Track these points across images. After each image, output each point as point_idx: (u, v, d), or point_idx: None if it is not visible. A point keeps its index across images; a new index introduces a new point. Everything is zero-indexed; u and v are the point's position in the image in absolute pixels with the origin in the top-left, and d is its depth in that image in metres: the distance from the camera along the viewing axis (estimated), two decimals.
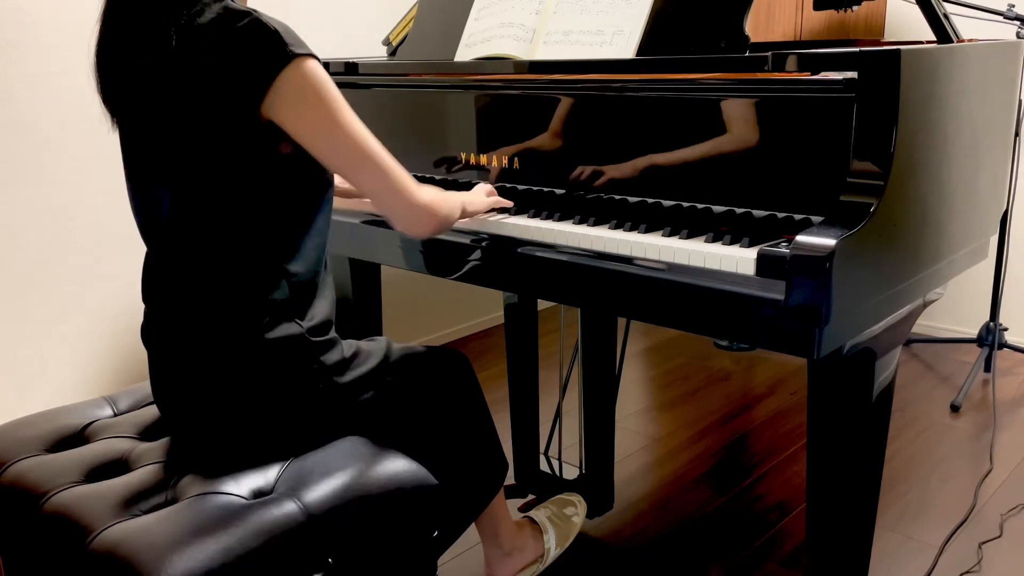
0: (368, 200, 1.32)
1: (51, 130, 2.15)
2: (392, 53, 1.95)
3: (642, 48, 1.43)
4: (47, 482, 1.18)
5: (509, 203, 1.49)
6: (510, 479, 2.06)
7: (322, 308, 1.26)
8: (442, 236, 1.52)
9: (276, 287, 1.20)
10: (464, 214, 1.40)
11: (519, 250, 1.42)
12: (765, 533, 1.95)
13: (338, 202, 1.68)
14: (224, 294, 1.19)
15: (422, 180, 1.71)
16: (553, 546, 1.70)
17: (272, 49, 1.10)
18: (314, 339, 1.22)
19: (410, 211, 1.23)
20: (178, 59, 1.12)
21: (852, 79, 1.15)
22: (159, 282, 1.24)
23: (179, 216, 1.19)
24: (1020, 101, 1.81)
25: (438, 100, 1.67)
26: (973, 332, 2.90)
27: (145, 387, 1.45)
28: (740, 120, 1.27)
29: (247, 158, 1.15)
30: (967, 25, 1.99)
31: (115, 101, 1.20)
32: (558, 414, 2.06)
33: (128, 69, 1.16)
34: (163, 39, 1.12)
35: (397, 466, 1.21)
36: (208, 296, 1.19)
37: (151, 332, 1.27)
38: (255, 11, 1.13)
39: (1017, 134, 2.20)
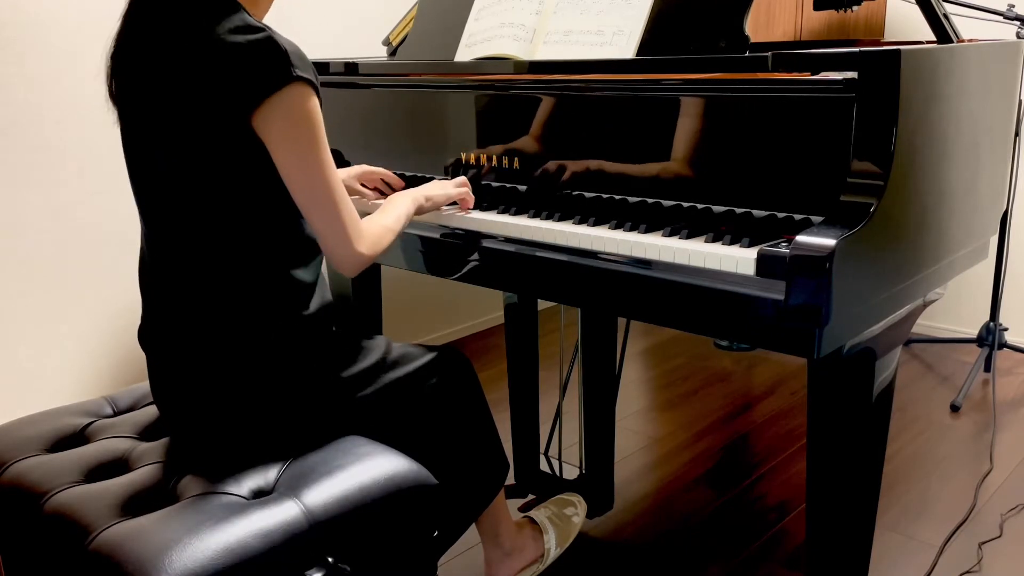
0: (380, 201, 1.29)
1: (51, 130, 2.15)
2: (392, 53, 1.96)
3: (642, 48, 1.43)
4: (47, 482, 1.18)
5: (470, 198, 1.52)
6: (510, 479, 2.06)
7: (320, 307, 1.26)
8: (442, 236, 1.52)
9: (273, 285, 1.21)
10: (421, 210, 1.45)
11: (519, 250, 1.42)
12: (765, 533, 1.95)
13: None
14: (222, 292, 1.19)
15: (421, 181, 1.71)
16: (553, 546, 1.70)
17: (277, 66, 1.12)
18: (312, 335, 1.22)
19: (345, 258, 1.25)
20: (189, 62, 1.14)
21: (852, 79, 1.15)
22: (156, 281, 1.25)
23: (177, 214, 1.19)
24: (1020, 101, 1.81)
25: (438, 100, 1.67)
26: (973, 332, 2.90)
27: (145, 387, 1.45)
28: (740, 120, 1.27)
29: (242, 158, 1.16)
30: (967, 25, 1.99)
31: (123, 99, 1.22)
32: (558, 414, 2.06)
33: (141, 70, 1.18)
34: (179, 42, 1.15)
35: (397, 466, 1.21)
36: (207, 294, 1.20)
37: (149, 334, 1.27)
38: (270, 28, 1.15)
39: (1017, 134, 2.20)
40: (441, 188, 1.50)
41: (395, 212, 1.39)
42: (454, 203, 1.54)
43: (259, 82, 1.12)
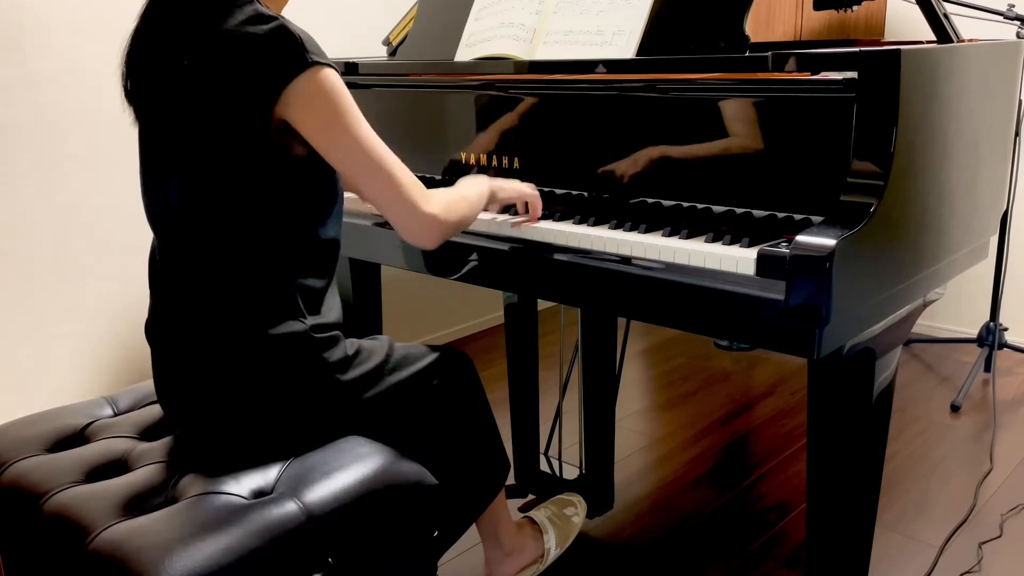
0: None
1: (51, 130, 2.15)
2: (392, 53, 1.96)
3: (642, 48, 1.43)
4: (47, 482, 1.18)
5: (538, 202, 1.43)
6: (510, 479, 2.06)
7: (328, 310, 1.26)
8: None
9: (283, 287, 1.20)
10: (494, 200, 1.40)
11: (519, 250, 1.41)
12: (765, 533, 1.95)
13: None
14: (231, 291, 1.19)
15: (421, 181, 1.71)
16: (553, 546, 1.70)
17: (291, 54, 1.13)
18: (317, 336, 1.22)
19: (415, 223, 1.23)
20: (204, 57, 1.14)
21: (852, 79, 1.15)
22: (165, 276, 1.25)
23: (190, 212, 1.19)
24: (1020, 101, 1.81)
25: (438, 100, 1.67)
26: (973, 332, 2.90)
27: (145, 387, 1.45)
28: (740, 120, 1.27)
29: (259, 159, 1.16)
30: (967, 25, 1.99)
31: (139, 96, 1.22)
32: (558, 414, 2.06)
33: (157, 65, 1.19)
34: (193, 37, 1.15)
35: (397, 466, 1.21)
36: (215, 292, 1.20)
37: (155, 327, 1.27)
38: (282, 17, 1.16)
39: (1017, 134, 2.20)
40: (514, 184, 1.44)
41: (468, 188, 1.34)
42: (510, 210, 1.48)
43: (276, 72, 1.12)
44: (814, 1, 1.75)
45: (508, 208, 1.50)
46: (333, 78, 1.16)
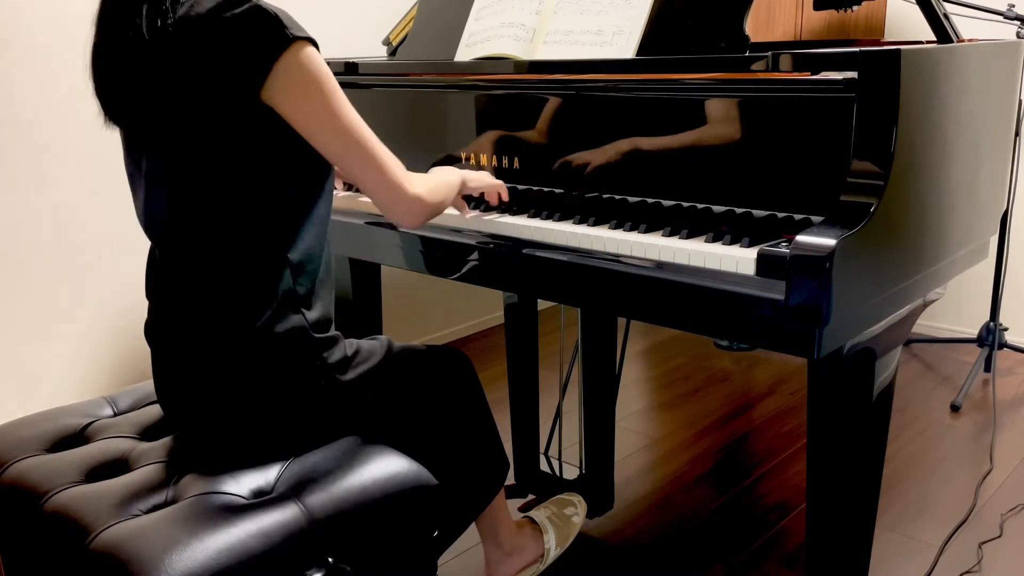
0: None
1: (50, 130, 2.15)
2: (392, 53, 1.96)
3: (642, 48, 1.43)
4: (47, 482, 1.18)
5: (502, 191, 1.51)
6: (510, 479, 2.06)
7: (324, 300, 1.26)
8: (442, 236, 1.52)
9: (278, 277, 1.19)
10: (464, 189, 1.44)
11: (519, 250, 1.42)
12: (765, 533, 1.95)
13: (341, 202, 1.68)
14: (226, 287, 1.19)
15: None
16: (553, 546, 1.70)
17: (272, 33, 1.10)
18: (317, 336, 1.22)
19: (400, 204, 1.25)
20: (176, 48, 1.11)
21: (852, 79, 1.15)
22: (163, 277, 1.24)
23: (180, 209, 1.18)
24: (1020, 101, 1.81)
25: (438, 100, 1.67)
26: (973, 332, 2.90)
27: (145, 387, 1.45)
28: (740, 120, 1.27)
29: (247, 145, 1.15)
30: (967, 25, 1.99)
31: (113, 97, 1.19)
32: (558, 414, 2.06)
33: (126, 61, 1.15)
34: (161, 27, 1.12)
35: (397, 466, 1.21)
36: (211, 289, 1.19)
37: (154, 328, 1.27)
38: None
39: (1017, 134, 2.20)
40: (482, 175, 1.49)
41: (445, 174, 1.39)
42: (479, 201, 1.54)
43: (258, 55, 1.10)
44: (814, 1, 1.75)
45: (479, 204, 1.54)
46: (314, 56, 1.14)
